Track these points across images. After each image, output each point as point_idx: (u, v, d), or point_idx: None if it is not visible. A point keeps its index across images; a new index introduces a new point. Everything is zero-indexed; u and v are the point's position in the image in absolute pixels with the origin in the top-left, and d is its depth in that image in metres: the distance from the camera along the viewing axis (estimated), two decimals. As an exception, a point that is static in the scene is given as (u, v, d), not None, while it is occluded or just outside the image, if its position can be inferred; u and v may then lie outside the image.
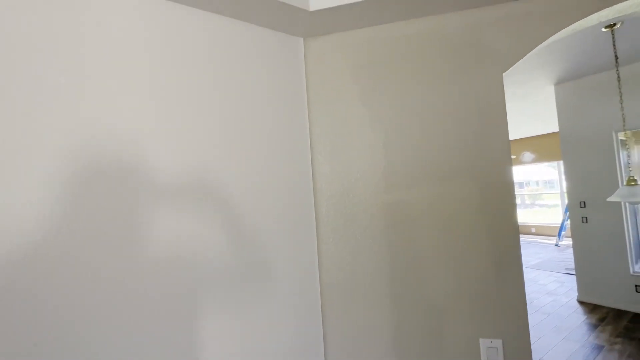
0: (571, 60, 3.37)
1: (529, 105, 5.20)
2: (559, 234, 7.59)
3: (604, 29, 2.53)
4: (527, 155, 8.54)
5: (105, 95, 0.80)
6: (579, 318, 3.56)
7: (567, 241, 7.22)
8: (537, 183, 10.05)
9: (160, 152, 0.84)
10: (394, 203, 1.09)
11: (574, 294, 4.22)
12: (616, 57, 2.59)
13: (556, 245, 7.52)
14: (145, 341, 0.74)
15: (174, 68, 0.89)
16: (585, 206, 3.98)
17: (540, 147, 8.34)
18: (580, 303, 3.97)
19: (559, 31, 0.95)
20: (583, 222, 4.01)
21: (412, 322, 1.04)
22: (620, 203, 3.71)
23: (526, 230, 9.25)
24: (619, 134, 4.04)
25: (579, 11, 0.95)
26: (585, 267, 4.01)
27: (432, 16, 1.06)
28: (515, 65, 1.02)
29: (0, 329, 0.62)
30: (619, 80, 2.47)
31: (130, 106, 0.81)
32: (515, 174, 9.86)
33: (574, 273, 4.31)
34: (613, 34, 2.59)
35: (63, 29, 0.74)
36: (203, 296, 0.84)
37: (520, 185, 10.80)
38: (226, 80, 0.96)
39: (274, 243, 1.02)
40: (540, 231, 8.91)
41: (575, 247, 4.12)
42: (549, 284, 4.77)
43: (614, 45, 2.53)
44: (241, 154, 0.97)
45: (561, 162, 7.00)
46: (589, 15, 0.96)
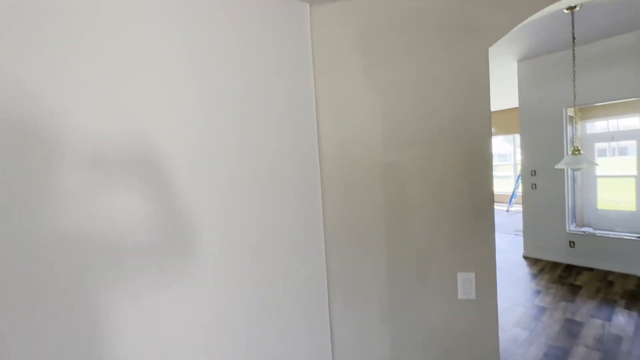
0: (534, 38, 3.62)
1: (494, 81, 5.53)
2: (510, 201, 8.42)
3: (565, 10, 2.76)
4: (488, 129, 9.12)
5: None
6: (523, 270, 4.12)
7: (517, 207, 8.03)
8: (493, 156, 10.79)
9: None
10: (390, 163, 1.23)
11: (521, 251, 4.83)
12: (573, 38, 2.85)
13: (507, 211, 8.35)
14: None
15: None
16: (535, 174, 4.47)
17: (500, 122, 8.93)
18: (525, 258, 4.57)
19: (542, 9, 1.09)
20: (532, 189, 4.52)
21: (403, 260, 1.23)
22: (564, 171, 4.21)
23: (482, 198, 10.07)
24: (568, 109, 4.50)
25: None
26: (530, 228, 4.59)
27: (430, -10, 1.16)
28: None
29: None
30: (574, 59, 2.75)
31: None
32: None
33: (521, 234, 4.89)
34: (573, 16, 2.83)
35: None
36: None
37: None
38: (230, 43, 0.99)
39: (283, 196, 1.12)
40: (496, 199, 9.76)
41: (524, 211, 4.66)
42: (500, 244, 5.38)
43: (573, 26, 2.77)
44: (248, 118, 1.03)
45: (517, 136, 7.59)
46: None
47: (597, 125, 5.28)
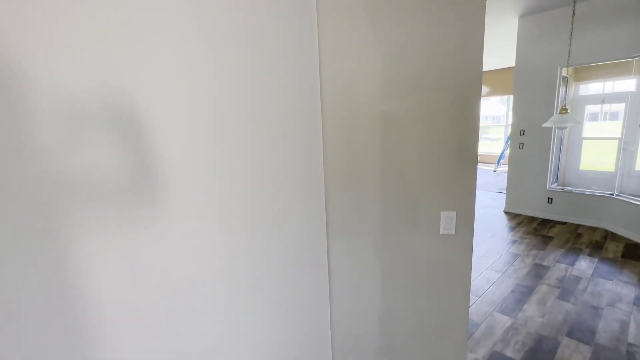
0: (538, -8, 3.54)
1: (493, 38, 5.42)
2: (498, 162, 8.68)
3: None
4: (483, 89, 9.08)
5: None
6: (502, 223, 4.44)
7: (504, 168, 8.32)
8: (487, 118, 10.86)
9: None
10: (387, 111, 1.32)
11: (502, 207, 5.14)
12: (576, -7, 2.81)
13: (494, 171, 8.65)
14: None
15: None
16: (524, 134, 4.61)
17: (495, 82, 8.87)
18: (506, 213, 4.89)
19: None
20: (520, 148, 4.70)
21: (395, 200, 1.38)
22: (551, 131, 4.36)
23: (471, 159, 10.33)
24: (563, 70, 4.53)
25: None
26: (513, 185, 4.85)
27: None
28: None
29: None
30: (573, 15, 2.74)
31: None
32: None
33: (504, 192, 5.16)
34: (578, -32, 2.77)
35: None
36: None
37: (472, 119, 11.58)
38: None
39: (286, 140, 1.22)
40: (483, 159, 10.04)
41: (510, 169, 4.88)
42: (484, 201, 5.69)
43: (577, -20, 2.72)
44: (249, 63, 1.07)
45: (511, 97, 7.62)
46: None
47: (591, 88, 5.33)
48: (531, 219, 4.54)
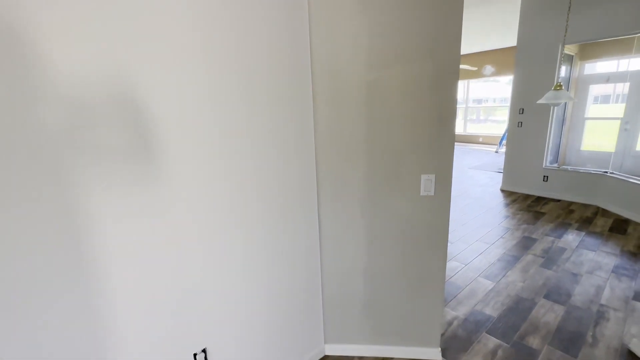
0: (541, -34, 3.48)
1: (494, 13, 5.34)
2: (500, 143, 8.68)
3: None
4: (488, 69, 8.96)
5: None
6: (498, 200, 4.55)
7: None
8: (495, 100, 10.73)
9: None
10: (373, 80, 1.42)
11: (499, 185, 5.24)
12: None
13: (496, 152, 8.67)
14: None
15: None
16: (523, 112, 4.64)
17: (502, 60, 8.73)
18: (502, 191, 4.99)
19: None
20: (518, 127, 4.74)
21: (380, 164, 1.51)
22: (549, 110, 4.39)
23: (474, 140, 10.34)
24: (566, 47, 4.49)
25: None
26: (511, 164, 4.92)
27: None
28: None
29: None
30: (572, -10, 2.73)
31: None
32: (476, 90, 10.43)
33: (502, 171, 5.23)
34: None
35: None
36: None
37: (479, 101, 11.52)
38: None
39: (278, 107, 1.33)
40: (487, 140, 10.02)
41: (508, 148, 4.94)
42: (482, 180, 5.78)
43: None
44: (241, 30, 1.17)
45: (516, 76, 7.51)
46: None
47: (597, 67, 5.27)
48: (526, 197, 4.64)
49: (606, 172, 4.07)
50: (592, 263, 2.72)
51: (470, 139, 10.44)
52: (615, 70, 5.06)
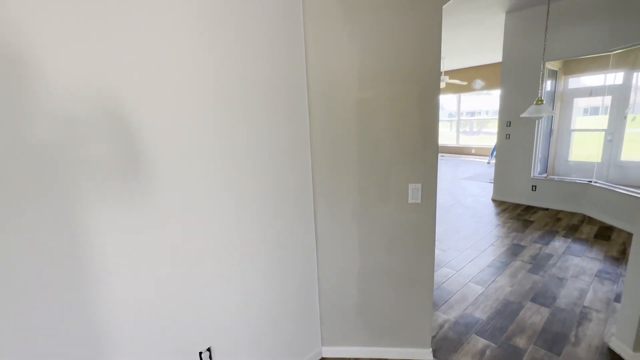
0: (521, -10, 3.74)
1: (480, 32, 5.62)
2: (492, 154, 8.90)
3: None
4: (478, 83, 9.27)
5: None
6: (489, 209, 4.70)
7: (497, 159, 8.55)
8: (487, 112, 11.02)
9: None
10: (363, 99, 1.57)
11: (490, 195, 5.39)
12: (550, -8, 3.02)
13: (488, 163, 8.88)
14: None
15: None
16: (510, 125, 4.85)
17: (491, 75, 9.05)
18: (493, 200, 5.14)
19: None
20: (506, 139, 4.93)
21: (370, 174, 1.64)
22: (535, 123, 4.59)
23: (467, 152, 10.57)
24: (552, 63, 4.74)
25: None
26: (501, 174, 5.09)
27: (400, -48, 1.40)
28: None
29: None
30: (547, 13, 2.96)
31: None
32: (468, 102, 10.75)
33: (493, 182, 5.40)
34: (553, -31, 2.98)
35: None
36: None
37: (472, 114, 11.82)
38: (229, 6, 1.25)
39: (277, 122, 1.47)
40: (479, 152, 10.26)
41: (497, 159, 5.12)
42: (474, 190, 5.94)
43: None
44: (246, 54, 1.31)
45: (504, 90, 7.79)
46: None
47: (580, 81, 5.52)
48: (516, 206, 4.79)
49: (591, 182, 4.25)
50: (577, 268, 2.84)
51: (463, 151, 10.68)
52: (597, 85, 5.32)
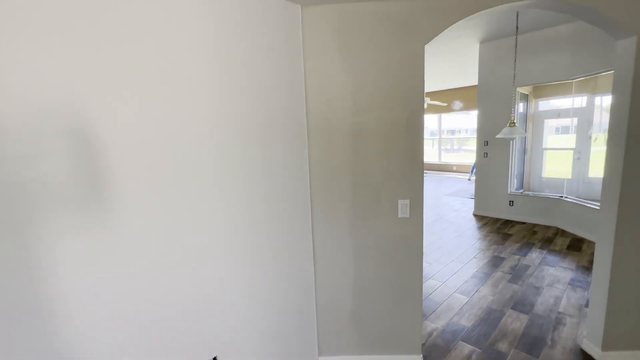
0: (491, 24, 4.14)
1: (459, 58, 6.06)
2: (472, 171, 9.31)
3: (513, 3, 3.27)
4: (457, 104, 9.80)
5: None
6: (471, 224, 4.94)
7: (477, 176, 8.94)
8: (467, 131, 11.56)
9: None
10: (356, 122, 1.75)
11: (472, 210, 5.66)
12: (517, 28, 3.39)
13: (469, 179, 9.28)
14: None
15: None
16: (487, 145, 5.18)
17: (469, 96, 9.60)
18: (474, 215, 5.40)
19: (463, 18, 1.59)
20: (484, 157, 5.26)
21: (363, 191, 1.80)
22: (509, 142, 4.94)
23: (449, 169, 11.00)
24: (523, 88, 5.16)
25: (475, 7, 1.59)
26: (480, 191, 5.38)
27: (385, 1, 1.62)
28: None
29: None
30: (516, 46, 3.31)
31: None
32: (449, 121, 11.29)
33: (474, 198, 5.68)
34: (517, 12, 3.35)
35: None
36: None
37: (452, 132, 12.37)
38: (243, 36, 1.41)
39: (279, 144, 1.62)
40: (460, 169, 10.69)
41: (477, 176, 5.43)
42: (456, 205, 6.21)
43: (517, 18, 3.30)
44: (251, 88, 1.47)
45: (481, 111, 8.28)
46: (482, 10, 1.62)
47: (549, 104, 5.99)
48: (496, 220, 5.06)
49: (562, 197, 4.57)
50: (552, 277, 3.06)
51: (445, 168, 11.10)
52: (564, 107, 5.79)
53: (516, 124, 3.54)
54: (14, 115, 0.87)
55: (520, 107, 5.52)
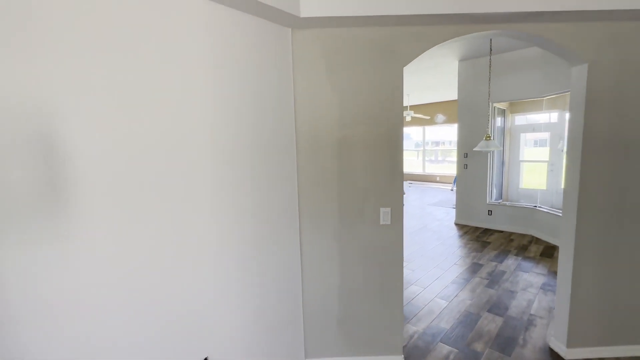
0: (470, 45, 4.43)
1: (441, 75, 6.38)
2: (454, 182, 9.63)
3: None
4: (440, 117, 10.19)
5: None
6: (452, 232, 5.13)
7: (459, 187, 9.24)
8: (450, 143, 11.95)
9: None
10: (342, 137, 1.89)
11: (454, 219, 5.88)
12: (490, 49, 3.66)
13: (451, 190, 9.58)
14: None
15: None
16: (467, 157, 5.44)
17: (451, 110, 10.00)
18: (456, 224, 5.61)
19: (439, 43, 1.77)
20: (464, 169, 5.51)
21: (348, 200, 1.93)
22: (487, 155, 5.21)
23: (432, 179, 11.32)
24: (500, 103, 5.47)
25: (448, 34, 1.78)
26: (461, 201, 5.62)
27: (368, 27, 1.79)
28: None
29: None
30: (490, 66, 3.57)
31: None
32: (433, 133, 11.68)
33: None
34: (492, 31, 3.64)
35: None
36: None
37: (437, 143, 12.77)
38: (238, 57, 1.54)
39: (269, 158, 1.74)
40: (443, 180, 11.03)
41: (457, 187, 5.67)
42: (439, 215, 6.43)
43: (491, 40, 3.57)
44: (243, 107, 1.59)
45: (462, 124, 8.65)
46: (453, 38, 1.81)
47: (525, 119, 6.34)
48: (476, 229, 5.28)
49: (536, 207, 4.84)
50: (526, 282, 3.25)
51: (429, 178, 11.42)
52: (538, 122, 6.15)
53: (491, 138, 3.77)
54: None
55: (498, 122, 5.85)
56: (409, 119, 8.71)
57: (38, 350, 1.00)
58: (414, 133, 12.01)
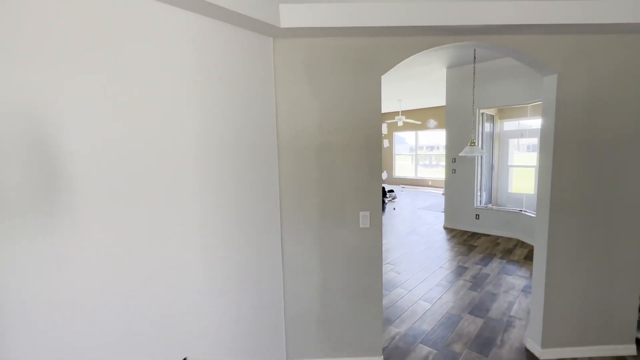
0: (455, 53, 4.54)
1: (430, 82, 6.50)
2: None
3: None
4: (431, 122, 10.32)
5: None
6: (441, 236, 5.21)
7: (450, 191, 9.35)
8: (442, 147, 12.06)
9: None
10: (323, 142, 1.95)
11: (442, 223, 5.96)
12: (474, 58, 3.76)
13: (442, 194, 9.68)
14: None
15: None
16: (455, 161, 5.54)
17: (442, 115, 10.14)
18: (444, 228, 5.69)
19: (416, 53, 1.84)
20: (453, 173, 5.60)
21: (329, 203, 1.98)
22: (475, 159, 5.31)
23: (424, 184, 11.44)
24: (489, 109, 5.58)
25: (425, 45, 1.86)
26: (450, 205, 5.70)
27: (347, 37, 1.86)
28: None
29: None
30: (474, 74, 3.67)
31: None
32: (426, 138, 11.81)
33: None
34: (476, 40, 3.75)
35: None
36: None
37: (431, 148, 12.89)
38: (222, 66, 1.60)
39: (251, 162, 1.79)
40: (435, 184, 11.14)
41: (446, 191, 5.76)
42: (429, 219, 6.51)
43: (474, 50, 3.67)
44: (225, 113, 1.65)
45: (453, 129, 8.78)
46: (433, 47, 1.89)
47: (514, 124, 6.47)
48: (463, 232, 5.36)
49: (521, 211, 4.93)
50: (508, 284, 3.32)
51: (421, 183, 11.53)
52: (526, 128, 6.28)
53: (475, 144, 3.86)
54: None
55: (487, 127, 5.96)
56: (400, 124, 8.83)
57: (22, 348, 1.03)
58: (408, 138, 12.14)
